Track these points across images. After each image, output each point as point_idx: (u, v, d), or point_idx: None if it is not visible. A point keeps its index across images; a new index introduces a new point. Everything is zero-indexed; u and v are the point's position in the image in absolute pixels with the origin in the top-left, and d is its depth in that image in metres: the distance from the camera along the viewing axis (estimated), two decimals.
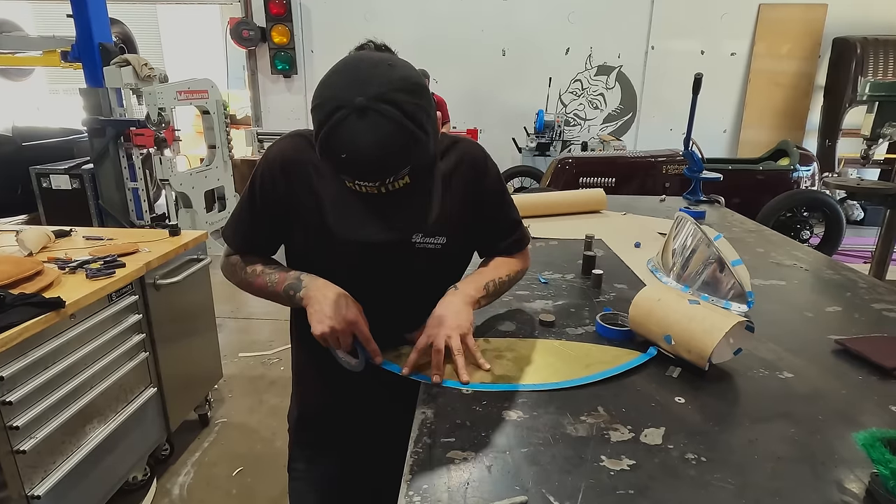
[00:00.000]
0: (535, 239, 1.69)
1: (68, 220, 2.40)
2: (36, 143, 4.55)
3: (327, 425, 1.14)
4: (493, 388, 0.87)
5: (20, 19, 6.12)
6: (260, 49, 6.12)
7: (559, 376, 0.90)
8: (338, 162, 0.72)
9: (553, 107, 6.05)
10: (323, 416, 1.13)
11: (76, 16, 3.71)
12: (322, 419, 1.14)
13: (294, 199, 0.93)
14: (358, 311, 0.90)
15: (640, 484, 0.66)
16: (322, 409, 1.13)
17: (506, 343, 1.01)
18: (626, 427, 0.77)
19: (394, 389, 0.94)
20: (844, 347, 0.99)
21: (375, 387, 0.99)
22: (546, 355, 0.97)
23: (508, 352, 0.98)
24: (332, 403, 1.11)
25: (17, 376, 1.38)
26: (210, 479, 2.07)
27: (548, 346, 1.01)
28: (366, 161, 0.71)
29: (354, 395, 1.07)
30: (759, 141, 5.82)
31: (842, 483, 0.66)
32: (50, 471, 1.49)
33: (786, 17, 5.70)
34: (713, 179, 2.20)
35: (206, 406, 2.38)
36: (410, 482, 0.66)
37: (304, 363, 1.12)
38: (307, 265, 0.96)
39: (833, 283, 1.40)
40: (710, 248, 1.13)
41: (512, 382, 0.88)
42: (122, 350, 1.76)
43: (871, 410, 0.83)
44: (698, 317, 0.90)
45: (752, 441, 0.74)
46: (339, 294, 0.90)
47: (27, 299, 1.43)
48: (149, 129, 3.73)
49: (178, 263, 2.06)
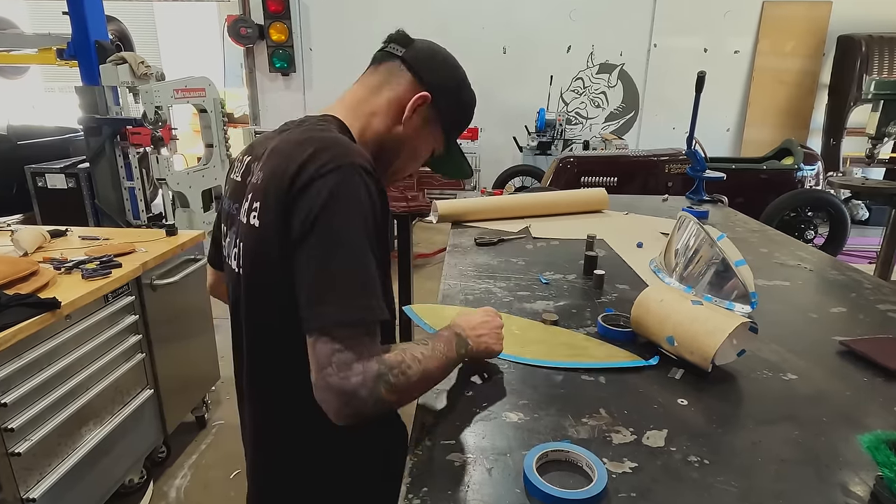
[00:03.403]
0: (536, 239, 1.68)
1: (64, 220, 2.39)
2: (31, 142, 4.53)
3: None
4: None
5: (16, 17, 6.10)
6: (258, 47, 6.10)
7: (554, 356, 0.94)
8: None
9: (554, 105, 6.04)
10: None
11: (72, 13, 3.70)
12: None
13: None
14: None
15: (643, 487, 0.65)
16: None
17: (503, 317, 1.05)
18: (629, 429, 0.76)
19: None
20: (849, 349, 0.99)
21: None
22: (542, 335, 1.02)
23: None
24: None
25: (12, 378, 1.37)
26: (207, 481, 2.06)
27: (546, 328, 1.05)
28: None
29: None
30: (762, 140, 5.81)
31: (846, 486, 0.66)
32: (45, 473, 1.48)
33: (790, 14, 5.68)
34: (716, 179, 2.19)
35: (203, 408, 2.37)
36: (410, 485, 0.66)
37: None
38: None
39: (837, 283, 1.39)
40: (713, 248, 1.12)
41: (505, 353, 0.92)
42: (119, 351, 1.75)
43: (875, 412, 0.82)
44: (701, 318, 0.90)
45: (755, 443, 0.74)
46: (481, 314, 0.88)
47: (22, 300, 1.43)
48: (145, 128, 3.71)
49: (175, 264, 2.05)
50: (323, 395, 0.64)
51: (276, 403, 0.84)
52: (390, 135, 0.87)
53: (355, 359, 0.64)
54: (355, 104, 0.87)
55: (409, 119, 0.86)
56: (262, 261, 0.76)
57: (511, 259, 1.48)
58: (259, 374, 0.85)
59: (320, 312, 0.65)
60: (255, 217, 0.76)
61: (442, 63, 0.90)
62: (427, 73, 0.87)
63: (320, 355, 0.64)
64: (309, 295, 0.66)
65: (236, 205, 0.83)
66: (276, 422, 0.86)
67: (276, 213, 0.71)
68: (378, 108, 0.86)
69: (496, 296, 1.22)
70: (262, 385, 0.85)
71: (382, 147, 0.87)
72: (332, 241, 0.67)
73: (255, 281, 0.79)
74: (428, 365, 0.72)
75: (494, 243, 1.60)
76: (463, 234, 1.71)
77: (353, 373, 0.63)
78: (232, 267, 0.85)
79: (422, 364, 0.71)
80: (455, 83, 0.91)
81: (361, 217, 0.69)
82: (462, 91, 0.92)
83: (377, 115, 0.86)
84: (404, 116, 0.86)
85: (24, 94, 8.04)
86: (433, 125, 0.90)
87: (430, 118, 0.89)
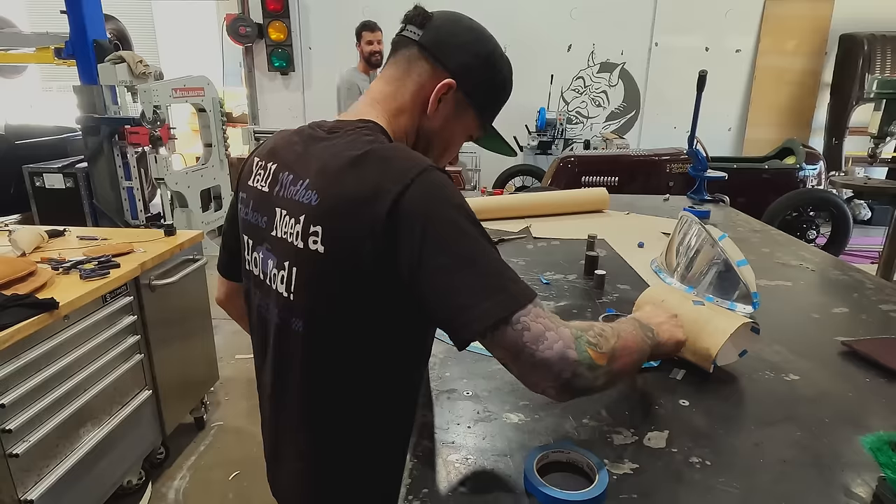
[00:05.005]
0: (536, 239, 1.67)
1: (62, 220, 2.38)
2: (29, 142, 4.52)
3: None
4: (484, 352, 0.89)
5: (14, 15, 6.09)
6: (257, 46, 6.08)
7: None
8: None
9: (555, 104, 6.03)
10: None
11: (70, 12, 3.69)
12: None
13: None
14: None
15: (644, 488, 0.65)
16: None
17: None
18: (630, 430, 0.76)
19: None
20: (851, 349, 0.98)
21: None
22: None
23: None
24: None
25: (9, 379, 1.37)
26: (206, 483, 2.05)
27: None
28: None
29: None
30: (764, 139, 5.79)
31: (849, 487, 0.66)
32: (43, 475, 1.48)
33: (792, 13, 5.67)
34: (718, 178, 2.19)
35: (201, 409, 2.37)
36: (410, 486, 0.65)
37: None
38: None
39: (840, 283, 1.38)
40: (714, 248, 1.12)
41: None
42: (117, 352, 1.75)
43: (878, 413, 0.82)
44: (703, 318, 0.89)
45: (757, 444, 0.73)
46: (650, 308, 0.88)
47: (20, 300, 1.42)
48: (144, 128, 3.71)
49: (174, 264, 2.05)
50: (534, 377, 0.62)
51: (334, 428, 0.82)
52: (421, 129, 0.82)
53: (545, 329, 0.62)
54: (382, 102, 0.81)
55: (435, 111, 0.80)
56: (332, 291, 0.72)
57: (511, 259, 1.47)
58: (314, 400, 0.81)
59: (486, 310, 0.62)
60: (315, 243, 0.70)
61: (465, 39, 0.81)
62: (449, 56, 0.79)
63: (509, 344, 0.61)
64: (464, 302, 0.62)
65: (265, 218, 0.78)
66: (335, 445, 0.83)
67: (357, 241, 0.67)
68: (403, 104, 0.81)
69: None
70: (318, 412, 0.82)
71: (415, 143, 0.83)
72: (453, 243, 0.65)
73: (320, 313, 0.74)
74: (623, 335, 0.69)
75: (495, 243, 1.59)
76: None
77: (550, 341, 0.61)
78: (274, 289, 0.78)
79: (616, 332, 0.68)
80: (482, 59, 0.81)
81: (462, 211, 0.68)
82: (492, 66, 0.82)
83: (404, 111, 0.81)
84: (429, 109, 0.80)
85: (22, 93, 8.02)
86: (464, 110, 0.83)
87: (460, 103, 0.82)
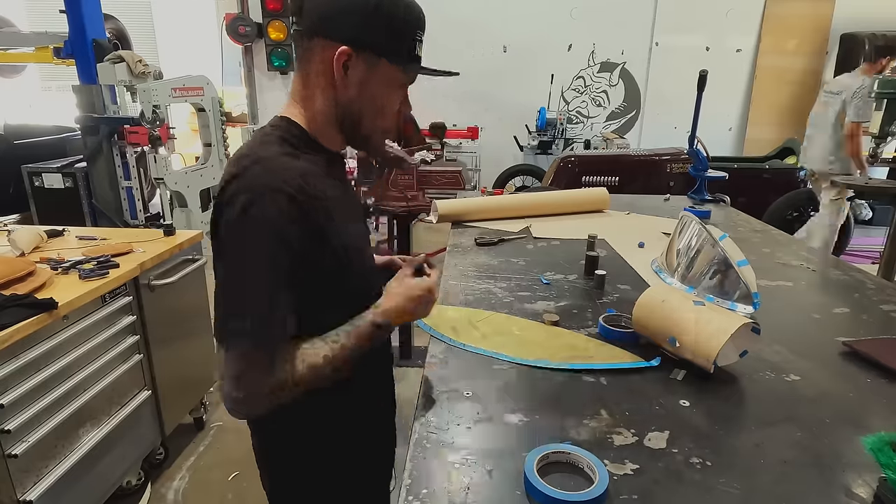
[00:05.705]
0: (536, 239, 1.67)
1: (61, 220, 2.38)
2: (28, 142, 4.51)
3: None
4: (484, 352, 0.96)
5: (13, 14, 6.08)
6: (256, 45, 6.07)
7: (555, 358, 0.94)
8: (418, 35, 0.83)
9: (555, 104, 6.02)
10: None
11: (69, 11, 3.68)
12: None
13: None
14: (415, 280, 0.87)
15: (644, 488, 0.65)
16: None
17: (504, 318, 1.09)
18: (630, 430, 0.76)
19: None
20: (852, 349, 0.98)
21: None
22: (543, 336, 1.02)
23: (513, 326, 1.05)
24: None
25: (8, 379, 1.36)
26: (205, 483, 2.05)
27: (547, 329, 1.06)
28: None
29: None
30: (765, 139, 5.79)
31: (849, 488, 0.66)
32: (42, 475, 1.47)
33: (792, 12, 5.66)
34: (718, 178, 2.18)
35: (201, 409, 2.36)
36: (410, 486, 0.65)
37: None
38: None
39: (841, 283, 1.38)
40: (715, 248, 1.12)
41: (505, 353, 0.94)
42: (116, 352, 1.74)
43: (879, 413, 0.82)
44: (703, 318, 0.89)
45: (758, 445, 0.73)
46: (406, 287, 0.85)
47: (19, 300, 1.42)
48: (143, 127, 3.69)
49: (173, 264, 2.04)
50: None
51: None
52: (339, 103, 0.81)
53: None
54: (294, 95, 0.84)
55: (343, 80, 0.79)
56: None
57: (511, 259, 1.47)
58: None
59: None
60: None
61: (342, 4, 0.77)
62: (333, 27, 0.77)
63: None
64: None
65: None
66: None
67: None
68: (313, 89, 0.82)
69: (496, 296, 1.22)
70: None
71: (341, 120, 0.83)
72: (231, 259, 0.75)
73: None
74: (326, 356, 0.78)
75: (495, 243, 1.59)
76: (463, 233, 1.71)
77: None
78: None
79: (316, 358, 0.78)
80: (369, 10, 0.77)
81: (264, 240, 0.73)
82: (379, 10, 0.77)
83: (315, 95, 0.82)
84: (336, 82, 0.79)
85: (21, 92, 8.01)
86: (376, 65, 0.80)
87: (369, 60, 0.79)
